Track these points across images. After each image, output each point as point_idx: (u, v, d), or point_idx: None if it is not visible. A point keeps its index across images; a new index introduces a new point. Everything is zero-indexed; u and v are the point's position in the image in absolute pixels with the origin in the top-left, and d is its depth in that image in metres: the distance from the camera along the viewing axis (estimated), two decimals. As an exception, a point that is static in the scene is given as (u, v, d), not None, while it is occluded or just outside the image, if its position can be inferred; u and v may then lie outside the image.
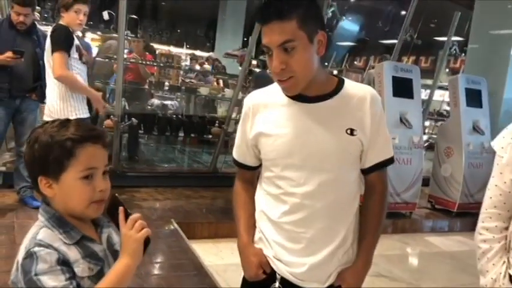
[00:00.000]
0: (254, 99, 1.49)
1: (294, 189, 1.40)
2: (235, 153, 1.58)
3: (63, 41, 3.40)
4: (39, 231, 1.12)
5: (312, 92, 1.38)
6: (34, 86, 3.96)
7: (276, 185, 1.43)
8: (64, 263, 1.08)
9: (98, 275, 1.13)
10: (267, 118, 1.43)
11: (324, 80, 1.41)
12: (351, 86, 1.44)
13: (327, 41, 1.36)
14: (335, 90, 1.41)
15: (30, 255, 1.06)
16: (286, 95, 1.41)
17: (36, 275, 1.04)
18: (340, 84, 1.43)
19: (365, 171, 1.47)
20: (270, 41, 1.29)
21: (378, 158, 1.45)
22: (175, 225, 3.99)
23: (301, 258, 1.42)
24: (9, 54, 3.67)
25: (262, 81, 5.90)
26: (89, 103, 3.69)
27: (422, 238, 5.08)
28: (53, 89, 3.47)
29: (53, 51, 3.37)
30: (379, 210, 1.49)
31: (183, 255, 3.50)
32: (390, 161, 1.48)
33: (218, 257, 3.78)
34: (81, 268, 1.11)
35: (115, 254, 1.20)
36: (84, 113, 3.56)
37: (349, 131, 1.37)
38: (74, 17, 3.47)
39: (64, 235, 1.12)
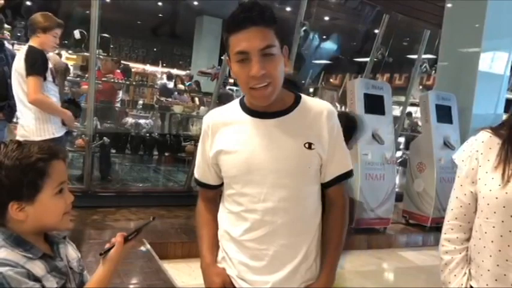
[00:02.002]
0: (213, 117, 1.49)
1: (254, 205, 1.39)
2: (197, 173, 1.57)
3: (40, 65, 3.40)
4: None
5: (271, 107, 1.39)
6: (2, 105, 3.89)
7: (237, 203, 1.43)
8: (35, 279, 1.08)
9: None
10: (226, 135, 1.43)
11: (282, 95, 1.42)
12: (308, 101, 1.45)
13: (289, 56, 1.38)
14: (292, 106, 1.42)
15: None
16: (246, 111, 1.42)
17: None
18: (297, 99, 1.44)
19: (325, 185, 1.48)
20: (249, 45, 1.28)
21: (336, 172, 1.46)
22: (148, 245, 3.91)
23: (264, 277, 1.41)
24: None
25: (225, 97, 5.96)
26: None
27: (397, 253, 5.11)
28: (28, 109, 3.42)
29: (28, 74, 3.34)
30: (339, 224, 1.49)
31: (155, 276, 3.43)
32: (349, 174, 1.49)
33: (191, 277, 3.71)
34: (50, 282, 1.11)
35: (73, 271, 1.22)
36: (61, 131, 3.56)
37: (307, 145, 1.38)
38: (51, 40, 3.50)
39: (25, 253, 1.11)
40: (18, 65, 3.41)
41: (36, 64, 3.37)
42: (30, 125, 3.41)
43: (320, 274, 1.46)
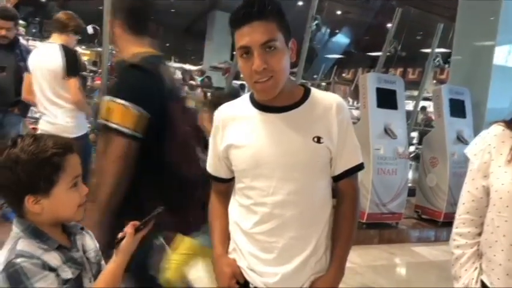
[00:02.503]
0: (223, 112, 1.51)
1: (263, 199, 1.40)
2: (209, 167, 1.59)
3: (78, 66, 3.55)
4: (16, 242, 1.13)
5: (279, 101, 1.40)
6: (16, 100, 3.93)
7: (247, 196, 1.45)
8: (50, 269, 1.10)
9: (77, 280, 1.16)
10: (236, 130, 1.44)
11: (291, 89, 1.43)
12: (317, 94, 1.46)
13: (298, 49, 1.38)
14: (302, 99, 1.43)
15: (12, 266, 1.07)
16: (255, 106, 1.43)
17: (30, 284, 1.06)
18: (307, 93, 1.44)
19: (335, 179, 1.48)
20: (251, 40, 1.30)
21: (346, 165, 1.46)
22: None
23: (273, 268, 1.42)
24: None
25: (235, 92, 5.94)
26: None
27: (409, 248, 5.08)
28: (61, 108, 3.47)
29: (69, 75, 3.43)
30: (350, 216, 1.49)
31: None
32: (359, 167, 1.49)
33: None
34: (66, 272, 1.13)
35: (89, 261, 1.25)
36: (86, 128, 3.74)
37: (316, 139, 1.38)
38: (74, 40, 3.65)
39: (42, 244, 1.14)
40: (53, 64, 3.41)
41: (76, 65, 3.49)
42: (64, 122, 3.47)
43: (329, 267, 1.46)
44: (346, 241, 1.49)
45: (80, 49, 5.89)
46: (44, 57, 3.47)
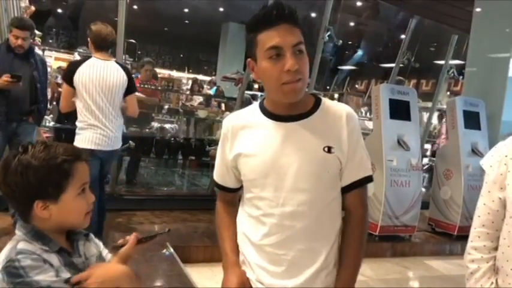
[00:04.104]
0: (232, 120, 1.49)
1: (272, 210, 1.38)
2: (216, 176, 1.57)
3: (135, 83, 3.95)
4: (17, 243, 1.14)
5: (291, 110, 1.39)
6: (31, 109, 3.98)
7: (256, 206, 1.43)
8: (50, 265, 1.11)
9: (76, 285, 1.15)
10: (245, 139, 1.43)
11: (302, 98, 1.41)
12: (328, 104, 1.44)
13: (310, 60, 1.38)
14: (312, 109, 1.41)
15: (12, 262, 1.08)
16: (265, 114, 1.42)
17: (29, 277, 1.07)
18: (318, 102, 1.43)
19: (343, 190, 1.44)
20: (283, 41, 1.30)
21: (355, 176, 1.43)
22: (171, 249, 3.94)
23: (282, 281, 1.40)
24: (6, 78, 3.67)
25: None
26: None
27: (422, 262, 5.00)
28: (120, 120, 3.71)
29: (134, 91, 3.81)
30: (357, 238, 1.44)
31: (177, 279, 3.45)
32: (368, 179, 1.45)
33: (213, 281, 3.70)
34: (64, 274, 1.13)
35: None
36: None
37: (326, 149, 1.37)
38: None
39: (43, 246, 1.15)
40: (118, 79, 3.57)
41: (134, 81, 3.86)
42: (117, 134, 3.65)
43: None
44: (354, 262, 1.43)
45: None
46: (106, 73, 3.52)
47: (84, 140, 3.47)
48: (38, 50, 4.79)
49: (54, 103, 5.94)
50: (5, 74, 3.69)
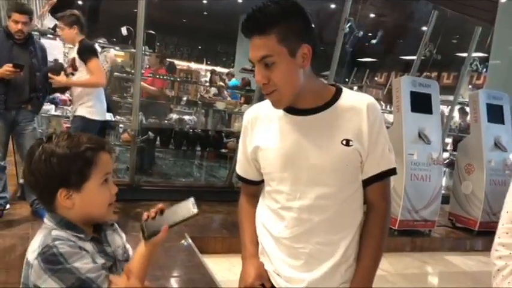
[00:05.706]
0: (252, 113, 1.49)
1: (290, 203, 1.37)
2: (238, 168, 1.57)
3: None
4: (50, 231, 1.15)
5: (306, 104, 1.36)
6: (30, 97, 3.92)
7: (275, 199, 1.42)
8: (86, 251, 1.13)
9: (109, 271, 1.17)
10: (263, 132, 1.42)
11: (319, 90, 1.38)
12: (348, 95, 1.39)
13: (313, 53, 1.30)
14: (331, 101, 1.37)
15: (50, 248, 1.09)
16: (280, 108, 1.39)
17: (68, 264, 1.08)
18: (338, 94, 1.39)
19: (364, 184, 1.41)
20: (252, 55, 1.29)
21: (376, 169, 1.39)
22: (189, 239, 3.96)
23: (300, 274, 1.39)
24: (9, 67, 3.63)
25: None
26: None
27: (442, 257, 4.94)
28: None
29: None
30: (379, 232, 1.41)
31: (195, 270, 3.47)
32: (391, 172, 1.41)
33: (231, 272, 3.72)
34: (99, 260, 1.15)
35: (117, 258, 1.26)
36: None
37: (344, 142, 1.33)
38: None
39: (76, 234, 1.16)
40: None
41: None
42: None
43: (352, 284, 1.40)
44: (373, 258, 1.40)
45: (113, 50, 6.00)
46: None
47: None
48: (43, 39, 4.82)
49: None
50: (6, 64, 3.63)
